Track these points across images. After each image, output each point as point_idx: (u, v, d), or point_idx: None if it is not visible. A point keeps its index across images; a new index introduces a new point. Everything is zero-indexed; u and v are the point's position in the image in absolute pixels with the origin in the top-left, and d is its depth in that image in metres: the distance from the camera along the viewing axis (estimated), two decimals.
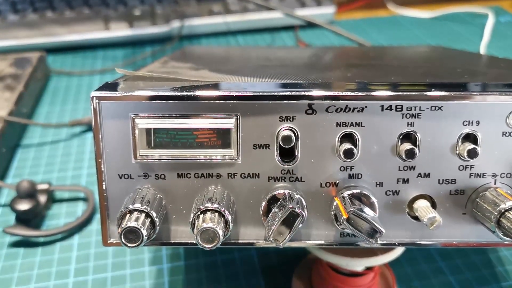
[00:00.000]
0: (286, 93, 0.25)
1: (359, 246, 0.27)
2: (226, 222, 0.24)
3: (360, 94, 0.24)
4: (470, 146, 0.25)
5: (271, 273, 0.39)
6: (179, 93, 0.25)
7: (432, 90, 0.25)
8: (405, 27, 0.86)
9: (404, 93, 0.24)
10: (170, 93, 0.25)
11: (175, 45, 0.77)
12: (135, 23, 0.76)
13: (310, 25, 0.71)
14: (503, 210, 0.24)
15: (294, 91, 0.25)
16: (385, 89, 0.25)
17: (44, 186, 0.45)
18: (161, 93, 0.25)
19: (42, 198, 0.45)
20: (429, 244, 0.27)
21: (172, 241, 0.27)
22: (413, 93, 0.24)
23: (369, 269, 0.35)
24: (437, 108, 0.25)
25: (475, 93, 0.25)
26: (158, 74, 0.29)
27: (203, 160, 0.26)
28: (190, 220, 0.24)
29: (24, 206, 0.42)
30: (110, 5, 0.78)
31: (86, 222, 0.44)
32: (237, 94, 0.25)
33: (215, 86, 0.26)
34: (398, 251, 0.33)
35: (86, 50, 0.77)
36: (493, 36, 0.80)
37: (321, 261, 0.35)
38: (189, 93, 0.25)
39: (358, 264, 0.33)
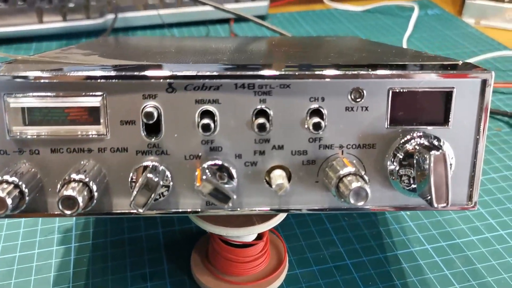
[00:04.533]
0: (147, 73, 0.27)
1: (223, 214, 0.30)
2: (90, 192, 0.26)
3: (214, 73, 0.27)
4: (315, 119, 0.28)
5: (173, 249, 0.42)
6: (47, 74, 0.27)
7: (282, 70, 0.27)
8: (339, 20, 0.89)
9: (254, 72, 0.27)
10: (39, 73, 0.27)
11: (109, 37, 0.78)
12: (69, 16, 0.77)
13: (242, 18, 0.74)
14: (341, 176, 0.27)
15: (155, 71, 0.27)
16: (238, 69, 0.27)
17: None
18: (29, 73, 0.27)
19: None
20: (287, 209, 0.30)
21: (49, 212, 0.29)
22: (262, 72, 0.27)
23: (258, 239, 0.38)
24: (285, 86, 0.27)
25: (317, 72, 0.27)
26: (41, 58, 0.31)
27: (74, 136, 0.28)
28: (57, 190, 0.26)
29: None
30: None
31: None
32: (101, 74, 0.27)
33: (86, 68, 0.28)
34: (277, 219, 0.35)
35: (20, 42, 0.78)
36: (418, 28, 0.85)
37: (213, 235, 0.38)
38: (56, 74, 0.27)
39: (238, 234, 0.35)
